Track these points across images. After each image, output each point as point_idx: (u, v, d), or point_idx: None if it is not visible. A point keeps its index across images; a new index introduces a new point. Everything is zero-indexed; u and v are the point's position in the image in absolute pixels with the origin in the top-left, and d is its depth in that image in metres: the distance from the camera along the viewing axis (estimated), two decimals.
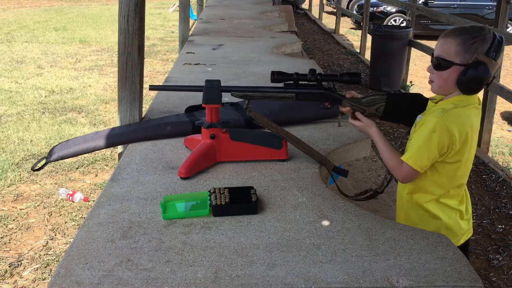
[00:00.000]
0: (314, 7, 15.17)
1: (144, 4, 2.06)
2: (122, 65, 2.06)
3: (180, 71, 3.06)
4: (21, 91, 6.22)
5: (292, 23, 6.46)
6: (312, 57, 8.54)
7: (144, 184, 1.56)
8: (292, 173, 1.64)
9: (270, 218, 1.36)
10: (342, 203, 1.45)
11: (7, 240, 3.00)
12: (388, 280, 1.09)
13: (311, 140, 1.89)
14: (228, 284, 1.08)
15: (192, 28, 5.74)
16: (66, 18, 13.09)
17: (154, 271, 1.12)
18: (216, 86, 1.64)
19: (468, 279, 1.10)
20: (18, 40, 9.79)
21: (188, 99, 2.35)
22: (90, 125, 5.09)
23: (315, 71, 1.63)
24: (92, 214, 1.37)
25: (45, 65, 7.73)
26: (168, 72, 4.18)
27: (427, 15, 6.86)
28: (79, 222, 3.20)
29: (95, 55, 8.54)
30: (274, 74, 1.63)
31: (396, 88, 6.63)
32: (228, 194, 1.40)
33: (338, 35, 11.18)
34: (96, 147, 1.92)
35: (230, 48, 3.82)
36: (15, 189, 3.67)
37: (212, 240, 1.25)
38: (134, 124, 2.06)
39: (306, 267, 1.14)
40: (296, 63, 3.31)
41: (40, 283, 2.64)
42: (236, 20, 5.48)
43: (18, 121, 5.13)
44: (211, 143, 1.67)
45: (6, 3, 16.25)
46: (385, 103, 1.60)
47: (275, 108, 2.04)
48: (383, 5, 11.36)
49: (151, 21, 12.32)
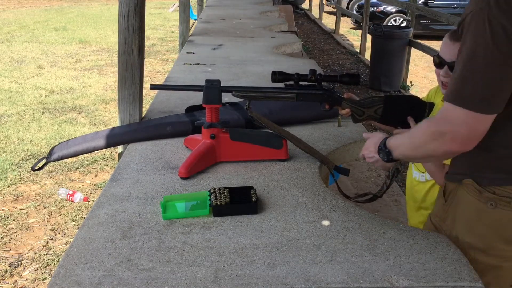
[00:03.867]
0: (314, 7, 15.17)
1: (144, 4, 2.06)
2: (122, 65, 2.06)
3: (180, 71, 3.06)
4: (21, 91, 6.22)
5: (292, 23, 6.47)
6: (312, 57, 8.55)
7: (144, 184, 1.56)
8: (292, 173, 1.64)
9: (270, 218, 1.36)
10: (342, 203, 1.45)
11: (7, 240, 3.00)
12: (388, 280, 1.09)
13: (311, 140, 1.89)
14: (228, 284, 1.08)
15: (192, 28, 5.74)
16: (66, 18, 13.10)
17: (154, 271, 1.12)
18: (216, 86, 1.64)
19: (468, 279, 1.10)
20: (18, 40, 9.79)
21: (188, 99, 2.35)
22: (90, 125, 5.09)
23: (315, 71, 1.64)
24: (92, 214, 1.38)
25: (45, 65, 7.73)
26: (168, 72, 4.19)
27: (427, 15, 6.86)
28: (79, 222, 3.20)
29: (95, 55, 8.55)
30: (275, 74, 1.63)
31: (396, 88, 6.63)
32: (228, 194, 1.40)
33: (338, 35, 11.18)
34: (96, 147, 1.92)
35: (230, 48, 3.83)
36: (15, 189, 3.67)
37: (212, 240, 1.25)
38: (134, 124, 2.06)
39: (306, 267, 1.14)
40: (296, 63, 3.31)
41: (40, 283, 2.64)
42: (236, 20, 5.49)
43: (18, 121, 5.13)
44: (211, 143, 1.67)
45: (6, 3, 16.25)
46: (383, 105, 1.60)
47: (275, 108, 2.04)
48: (383, 5, 11.36)
49: (151, 21, 12.32)
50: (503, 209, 1.17)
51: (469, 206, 1.23)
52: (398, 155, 1.31)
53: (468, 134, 1.09)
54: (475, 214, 1.22)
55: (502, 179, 1.17)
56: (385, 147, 1.34)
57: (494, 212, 1.18)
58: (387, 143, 1.34)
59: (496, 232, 1.20)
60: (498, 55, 1.04)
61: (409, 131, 1.28)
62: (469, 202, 1.23)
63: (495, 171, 1.18)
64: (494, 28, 1.03)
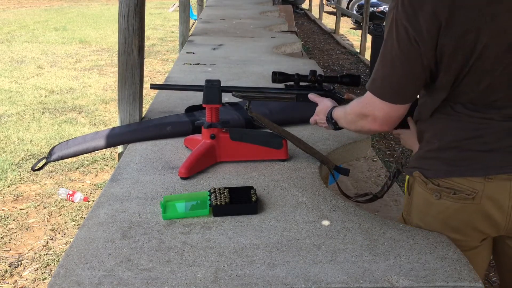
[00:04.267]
0: (314, 7, 15.17)
1: (144, 4, 2.06)
2: (122, 65, 2.06)
3: (180, 71, 3.06)
4: (21, 91, 6.23)
5: (292, 23, 6.47)
6: (312, 57, 8.55)
7: (144, 184, 1.56)
8: (292, 173, 1.64)
9: (270, 218, 1.36)
10: (342, 203, 1.45)
11: (7, 240, 3.00)
12: (388, 280, 1.09)
13: (311, 140, 1.89)
14: (228, 284, 1.08)
15: (192, 28, 5.74)
16: (66, 18, 13.10)
17: (154, 271, 1.12)
18: (216, 86, 1.64)
19: (468, 279, 1.10)
20: (18, 40, 9.80)
21: (188, 99, 2.35)
22: (90, 125, 5.09)
23: (315, 72, 1.64)
24: (92, 214, 1.38)
25: (45, 65, 7.73)
26: (168, 72, 4.19)
27: None
28: (79, 222, 3.21)
29: (95, 55, 8.55)
30: (275, 74, 1.64)
31: None
32: (228, 194, 1.40)
33: (338, 35, 11.18)
34: (96, 147, 1.92)
35: (230, 48, 3.83)
36: (15, 189, 3.67)
37: (212, 240, 1.25)
38: (134, 124, 2.06)
39: (306, 267, 1.14)
40: (296, 63, 3.31)
41: (40, 283, 2.64)
42: (236, 20, 5.49)
43: (18, 121, 5.13)
44: (211, 143, 1.67)
45: (6, 3, 16.25)
46: None
47: (275, 108, 2.04)
48: (383, 5, 11.36)
49: (151, 21, 12.33)
50: (447, 200, 1.23)
51: (420, 197, 1.29)
52: (341, 126, 1.44)
53: (384, 118, 1.22)
54: (424, 205, 1.29)
55: (444, 171, 1.22)
56: (332, 118, 1.46)
57: (440, 203, 1.24)
58: (333, 114, 1.45)
59: (443, 222, 1.26)
60: (400, 54, 1.13)
61: (346, 106, 1.38)
62: (419, 194, 1.29)
63: (437, 163, 1.24)
64: (399, 29, 1.12)
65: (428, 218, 1.29)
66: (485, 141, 1.18)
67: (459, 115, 1.20)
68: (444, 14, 1.08)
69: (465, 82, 1.15)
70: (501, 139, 1.17)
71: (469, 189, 1.19)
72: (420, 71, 1.15)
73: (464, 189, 1.20)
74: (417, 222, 1.32)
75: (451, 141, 1.21)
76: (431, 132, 1.26)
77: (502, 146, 1.17)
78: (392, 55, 1.15)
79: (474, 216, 1.21)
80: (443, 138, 1.22)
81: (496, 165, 1.17)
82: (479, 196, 1.19)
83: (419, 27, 1.10)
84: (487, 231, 1.24)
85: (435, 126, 1.25)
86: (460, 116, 1.20)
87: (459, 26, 1.09)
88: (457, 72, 1.14)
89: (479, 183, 1.18)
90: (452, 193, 1.21)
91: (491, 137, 1.17)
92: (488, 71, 1.13)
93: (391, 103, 1.19)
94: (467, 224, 1.24)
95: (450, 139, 1.21)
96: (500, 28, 1.09)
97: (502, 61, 1.12)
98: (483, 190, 1.18)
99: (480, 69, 1.13)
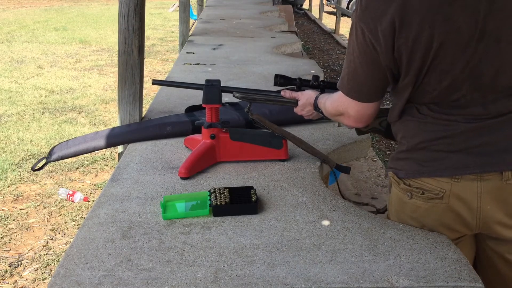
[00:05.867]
0: (314, 7, 15.17)
1: (144, 4, 2.06)
2: (122, 65, 2.07)
3: (180, 71, 3.07)
4: (21, 91, 6.23)
5: (292, 23, 6.47)
6: (312, 57, 8.55)
7: (144, 184, 1.56)
8: (292, 173, 1.64)
9: (270, 218, 1.36)
10: (342, 203, 1.45)
11: (7, 240, 3.00)
12: (388, 280, 1.09)
13: (311, 140, 1.89)
14: (228, 284, 1.08)
15: (192, 28, 5.74)
16: (66, 18, 13.10)
17: (154, 271, 1.12)
18: (216, 86, 1.64)
19: (468, 279, 1.10)
20: (18, 40, 9.79)
21: (188, 99, 2.36)
22: (90, 125, 5.09)
23: (318, 77, 1.61)
24: (92, 214, 1.38)
25: (45, 65, 7.73)
26: (168, 72, 4.19)
27: None
28: (79, 222, 3.21)
29: (95, 55, 8.55)
30: (277, 77, 1.63)
31: None
32: (228, 194, 1.40)
33: (338, 35, 11.18)
34: (96, 147, 1.92)
35: (230, 48, 3.83)
36: (15, 189, 3.67)
37: (212, 240, 1.25)
38: (134, 124, 2.06)
39: (306, 267, 1.14)
40: (296, 63, 3.31)
41: (40, 283, 2.64)
42: (236, 20, 5.49)
43: (18, 121, 5.13)
44: (211, 143, 1.67)
45: (6, 3, 16.26)
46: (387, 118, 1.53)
47: (275, 109, 2.04)
48: None
49: (151, 21, 12.33)
50: (417, 199, 1.25)
51: (395, 197, 1.32)
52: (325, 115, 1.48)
53: (356, 116, 1.28)
54: (399, 205, 1.32)
55: (414, 171, 1.24)
56: (318, 108, 1.50)
57: (412, 203, 1.27)
58: (318, 104, 1.50)
59: (417, 221, 1.30)
60: (360, 56, 1.19)
61: (327, 100, 1.42)
62: (395, 193, 1.32)
63: (408, 164, 1.26)
64: (357, 31, 1.17)
65: (404, 217, 1.32)
66: (452, 142, 1.19)
67: (425, 117, 1.22)
68: (397, 16, 1.10)
69: (426, 82, 1.17)
70: (467, 140, 1.18)
71: (437, 189, 1.21)
72: (379, 72, 1.19)
73: (432, 189, 1.22)
74: (394, 220, 1.35)
75: (419, 143, 1.23)
76: (401, 133, 1.28)
77: (469, 147, 1.18)
78: (354, 56, 1.20)
79: (444, 215, 1.23)
80: (412, 139, 1.25)
81: (463, 166, 1.18)
82: (447, 196, 1.21)
83: (375, 30, 1.13)
84: (461, 230, 1.26)
85: (404, 128, 1.27)
86: (426, 118, 1.22)
87: (413, 27, 1.10)
88: (417, 72, 1.16)
89: (447, 183, 1.20)
90: (421, 193, 1.24)
91: (457, 138, 1.19)
92: (448, 70, 1.14)
93: (358, 101, 1.24)
94: (439, 223, 1.26)
95: (418, 140, 1.23)
96: (454, 27, 1.10)
97: (460, 59, 1.13)
98: (451, 189, 1.20)
99: (439, 68, 1.14)
